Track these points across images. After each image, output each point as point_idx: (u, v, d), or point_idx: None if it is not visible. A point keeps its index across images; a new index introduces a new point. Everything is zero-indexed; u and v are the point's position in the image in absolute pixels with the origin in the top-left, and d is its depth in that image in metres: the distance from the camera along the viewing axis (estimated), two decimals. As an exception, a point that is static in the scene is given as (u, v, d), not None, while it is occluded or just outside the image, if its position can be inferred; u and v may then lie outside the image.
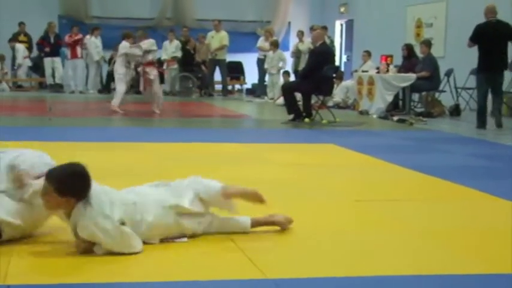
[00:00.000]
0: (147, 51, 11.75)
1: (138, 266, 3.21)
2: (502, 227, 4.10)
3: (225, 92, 17.75)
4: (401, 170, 6.20)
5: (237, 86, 19.50)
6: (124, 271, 3.15)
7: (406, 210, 4.60)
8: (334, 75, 11.80)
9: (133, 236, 3.36)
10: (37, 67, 18.16)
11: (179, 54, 17.34)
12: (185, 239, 3.58)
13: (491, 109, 10.66)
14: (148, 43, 11.92)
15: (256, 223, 3.82)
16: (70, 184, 3.27)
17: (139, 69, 11.80)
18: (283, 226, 3.87)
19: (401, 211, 4.56)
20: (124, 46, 11.87)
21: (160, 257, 3.35)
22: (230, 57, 17.94)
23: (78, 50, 17.37)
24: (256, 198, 3.86)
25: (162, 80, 17.75)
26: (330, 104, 13.30)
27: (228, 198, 3.75)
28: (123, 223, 3.34)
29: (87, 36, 17.28)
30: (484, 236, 3.91)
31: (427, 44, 12.84)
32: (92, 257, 3.28)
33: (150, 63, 11.88)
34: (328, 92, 11.46)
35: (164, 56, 17.34)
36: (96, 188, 3.37)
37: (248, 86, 19.08)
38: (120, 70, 11.91)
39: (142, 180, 4.12)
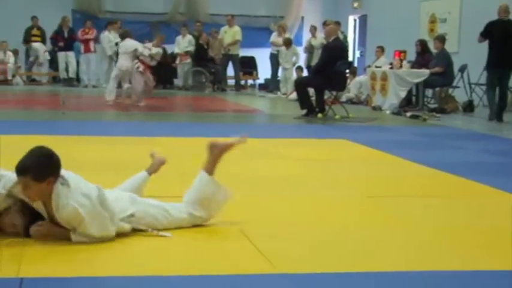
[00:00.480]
0: (152, 56, 11.91)
1: (150, 260, 3.22)
2: (515, 223, 4.08)
3: (238, 87, 17.75)
4: (414, 166, 6.19)
5: (250, 81, 19.49)
6: (139, 264, 3.16)
7: (418, 206, 4.58)
8: (347, 70, 11.77)
9: (108, 219, 3.40)
10: (51, 61, 18.24)
11: (192, 49, 17.37)
12: (169, 234, 3.54)
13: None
14: (158, 52, 12.18)
15: (211, 166, 3.83)
16: (44, 165, 3.28)
17: (141, 68, 11.87)
18: (239, 142, 3.97)
19: (414, 207, 4.54)
20: (135, 44, 11.92)
21: (169, 249, 3.36)
22: (243, 52, 17.94)
23: (91, 44, 17.41)
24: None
25: (175, 75, 17.83)
26: (343, 99, 13.28)
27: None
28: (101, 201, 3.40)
29: (104, 33, 17.28)
30: (497, 233, 3.89)
31: (441, 39, 12.79)
32: (104, 250, 3.29)
33: (148, 66, 12.11)
34: (341, 87, 11.44)
35: (177, 51, 17.37)
36: (68, 172, 3.40)
37: (261, 81, 19.06)
38: (128, 64, 11.90)
39: (155, 175, 4.14)
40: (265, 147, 7.16)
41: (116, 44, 16.34)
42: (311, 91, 11.22)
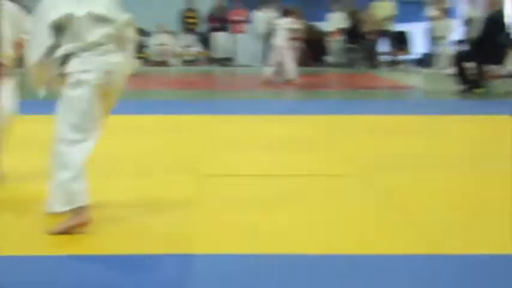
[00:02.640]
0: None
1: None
2: None
3: (391, 63, 17.39)
4: None
5: (403, 57, 19.01)
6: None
7: None
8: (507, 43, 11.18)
9: None
10: (205, 42, 18.66)
11: (345, 25, 17.18)
12: None
13: None
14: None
15: None
16: None
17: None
18: None
19: None
20: (288, 21, 12.11)
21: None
22: (395, 27, 17.53)
23: (242, 25, 17.66)
24: None
25: (324, 52, 17.74)
26: (504, 73, 12.63)
27: None
28: None
29: (257, 13, 17.46)
30: None
31: None
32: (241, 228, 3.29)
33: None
34: (500, 60, 10.89)
35: (329, 28, 17.24)
36: None
37: (415, 56, 18.56)
38: (282, 43, 12.03)
39: (303, 153, 4.10)
40: (424, 124, 6.93)
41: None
42: (469, 65, 10.76)
